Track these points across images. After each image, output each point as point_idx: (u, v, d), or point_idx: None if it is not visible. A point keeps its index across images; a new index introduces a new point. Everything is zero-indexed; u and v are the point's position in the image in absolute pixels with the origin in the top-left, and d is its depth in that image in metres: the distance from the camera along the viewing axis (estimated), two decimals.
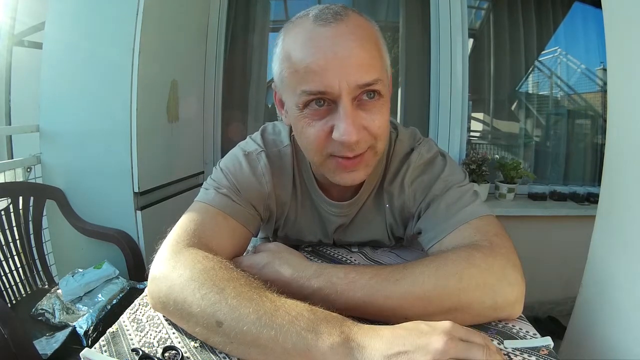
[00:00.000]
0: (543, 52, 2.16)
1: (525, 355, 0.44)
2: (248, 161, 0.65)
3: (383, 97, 0.54)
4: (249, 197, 0.64)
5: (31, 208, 1.39)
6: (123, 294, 1.29)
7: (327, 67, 0.49)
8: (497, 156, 2.16)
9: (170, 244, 0.54)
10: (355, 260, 0.71)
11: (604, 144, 0.94)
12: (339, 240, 0.76)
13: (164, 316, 0.51)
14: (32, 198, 1.39)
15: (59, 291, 1.26)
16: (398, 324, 0.49)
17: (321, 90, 0.50)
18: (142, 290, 0.58)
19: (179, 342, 0.46)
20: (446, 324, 0.40)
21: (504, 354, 0.44)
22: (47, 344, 1.07)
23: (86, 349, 0.43)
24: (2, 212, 1.29)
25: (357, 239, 0.74)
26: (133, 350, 0.44)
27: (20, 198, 1.35)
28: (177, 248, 0.52)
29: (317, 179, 0.68)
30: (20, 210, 1.35)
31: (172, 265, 0.49)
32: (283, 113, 0.61)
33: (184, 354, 0.44)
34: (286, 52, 0.53)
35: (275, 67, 0.57)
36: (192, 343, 0.46)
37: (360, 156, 0.55)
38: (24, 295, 1.32)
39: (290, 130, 0.67)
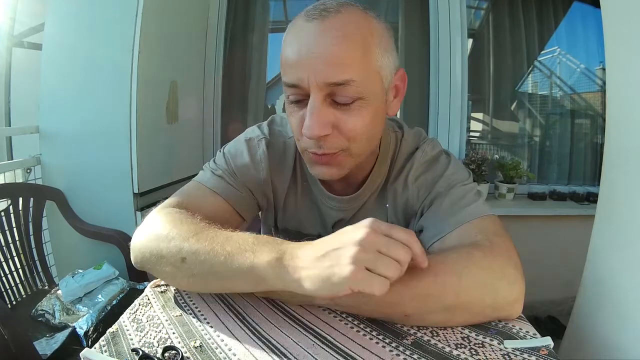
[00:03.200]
0: (542, 52, 2.17)
1: (525, 355, 0.44)
2: (248, 146, 0.68)
3: (364, 100, 0.53)
4: (245, 180, 0.66)
5: (31, 209, 1.39)
6: (123, 294, 1.29)
7: (299, 61, 0.51)
8: (496, 156, 2.16)
9: (155, 209, 0.59)
10: None
11: (604, 144, 0.95)
12: None
13: (163, 316, 0.51)
14: (32, 199, 1.39)
15: (59, 292, 1.25)
16: (398, 322, 0.50)
17: (294, 83, 0.52)
18: (142, 291, 0.59)
19: (179, 342, 0.46)
20: (367, 220, 0.43)
21: (504, 354, 0.44)
22: (47, 345, 1.07)
23: (86, 349, 0.43)
24: (2, 213, 1.29)
25: None
26: (133, 350, 0.44)
27: (20, 199, 1.35)
28: (159, 210, 0.58)
29: None
30: (20, 211, 1.35)
31: (150, 223, 0.56)
32: None
33: (184, 354, 0.44)
34: (283, 43, 0.55)
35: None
36: (192, 343, 0.46)
37: (330, 156, 0.55)
38: (24, 296, 1.32)
39: None
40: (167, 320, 0.50)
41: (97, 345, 0.46)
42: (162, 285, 0.60)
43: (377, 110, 0.56)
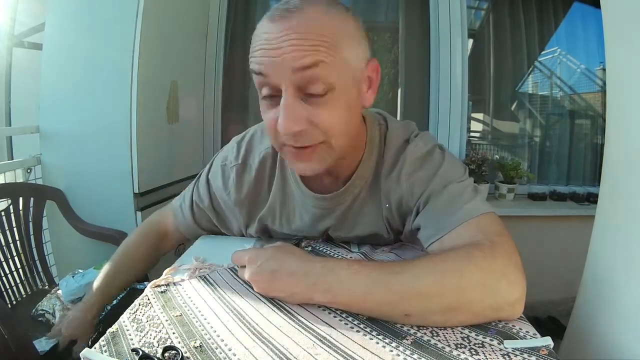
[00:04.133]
0: (543, 52, 2.17)
1: (525, 355, 0.44)
2: (222, 171, 0.75)
3: (335, 91, 0.53)
4: (223, 205, 0.77)
5: (31, 209, 1.39)
6: (123, 294, 1.29)
7: (269, 60, 0.51)
8: (497, 156, 2.16)
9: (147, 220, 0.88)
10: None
11: (604, 144, 0.95)
12: (337, 238, 0.76)
13: (163, 316, 0.51)
14: (32, 199, 1.39)
15: (59, 292, 1.25)
16: (398, 322, 0.50)
17: (261, 72, 0.53)
18: (142, 291, 0.59)
19: (179, 342, 0.46)
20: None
21: (504, 354, 0.44)
22: (46, 344, 1.07)
23: (86, 349, 0.43)
24: (2, 213, 1.29)
25: (356, 233, 0.74)
26: (133, 350, 0.44)
27: (21, 199, 1.35)
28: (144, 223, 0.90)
29: (302, 177, 0.69)
30: (21, 211, 1.35)
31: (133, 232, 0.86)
32: None
33: (184, 354, 0.44)
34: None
35: None
36: (192, 343, 0.46)
37: (311, 148, 0.55)
38: (24, 296, 1.32)
39: None
40: (167, 320, 0.50)
41: (97, 345, 0.46)
42: (162, 285, 0.60)
43: (351, 103, 0.56)
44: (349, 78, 0.54)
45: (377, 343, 0.46)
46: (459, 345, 0.46)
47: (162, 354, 0.44)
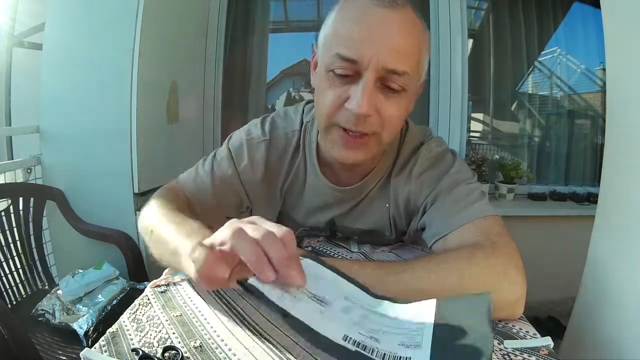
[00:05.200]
0: (543, 52, 2.17)
1: (525, 355, 0.44)
2: (249, 146, 0.70)
3: (406, 92, 0.56)
4: (243, 182, 0.71)
5: (31, 209, 1.39)
6: (123, 294, 1.29)
7: (367, 39, 0.52)
8: (497, 156, 2.16)
9: (161, 188, 0.70)
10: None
11: (604, 144, 0.95)
12: (340, 226, 0.76)
13: (163, 316, 0.51)
14: (32, 199, 1.39)
15: (59, 292, 1.25)
16: None
17: (353, 58, 0.53)
18: (142, 291, 0.59)
19: (179, 342, 0.46)
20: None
21: (504, 354, 0.44)
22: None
23: (86, 349, 0.43)
24: (3, 213, 1.29)
25: (359, 226, 0.75)
26: (133, 350, 0.44)
27: (21, 199, 1.35)
28: (160, 190, 0.69)
29: (322, 164, 0.70)
30: (21, 211, 1.35)
31: (151, 201, 0.65)
32: (314, 73, 0.63)
33: (184, 354, 0.44)
34: (339, 17, 0.57)
35: (324, 29, 0.59)
36: (192, 343, 0.46)
37: (364, 137, 0.57)
38: (24, 296, 1.32)
39: (302, 120, 0.72)
40: (167, 320, 0.50)
41: (97, 345, 0.46)
42: (162, 285, 0.60)
43: (409, 105, 0.59)
44: (416, 84, 0.58)
45: None
46: None
47: (162, 354, 0.44)
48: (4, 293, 1.24)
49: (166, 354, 0.44)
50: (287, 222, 0.78)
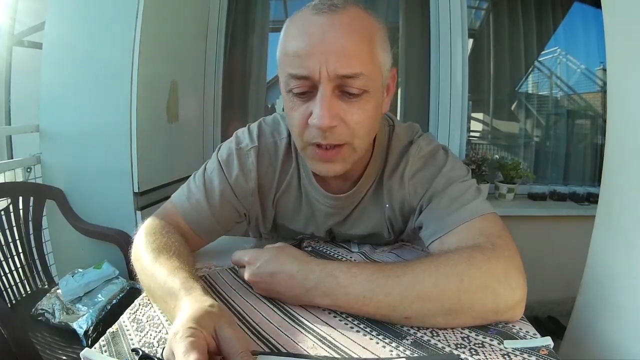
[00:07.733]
0: (543, 52, 2.17)
1: (525, 355, 0.44)
2: (239, 155, 0.69)
3: (369, 93, 0.54)
4: (237, 193, 0.69)
5: (31, 208, 1.39)
6: (123, 294, 1.29)
7: (312, 52, 0.52)
8: (497, 156, 2.16)
9: (152, 216, 0.68)
10: (355, 260, 0.71)
11: (604, 144, 0.94)
12: (338, 233, 0.76)
13: (163, 316, 0.51)
14: (32, 198, 1.39)
15: (59, 291, 1.25)
16: (398, 324, 0.50)
17: (304, 75, 0.52)
18: (142, 291, 0.59)
19: None
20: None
21: (504, 354, 0.44)
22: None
23: (86, 349, 0.43)
24: (2, 212, 1.29)
25: (356, 231, 0.74)
26: (133, 350, 0.44)
27: (20, 198, 1.35)
28: (153, 219, 0.67)
29: (314, 173, 0.68)
30: (20, 211, 1.35)
31: (141, 230, 0.64)
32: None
33: None
34: (284, 37, 0.56)
35: (277, 51, 0.59)
36: None
37: (337, 149, 0.56)
38: (24, 295, 1.32)
39: None
40: (167, 320, 0.50)
41: (97, 345, 0.46)
42: None
43: (378, 105, 0.58)
44: (379, 83, 0.57)
45: (377, 343, 0.46)
46: (459, 345, 0.46)
47: (162, 354, 0.44)
48: (4, 292, 1.24)
49: None
50: (284, 232, 0.78)
